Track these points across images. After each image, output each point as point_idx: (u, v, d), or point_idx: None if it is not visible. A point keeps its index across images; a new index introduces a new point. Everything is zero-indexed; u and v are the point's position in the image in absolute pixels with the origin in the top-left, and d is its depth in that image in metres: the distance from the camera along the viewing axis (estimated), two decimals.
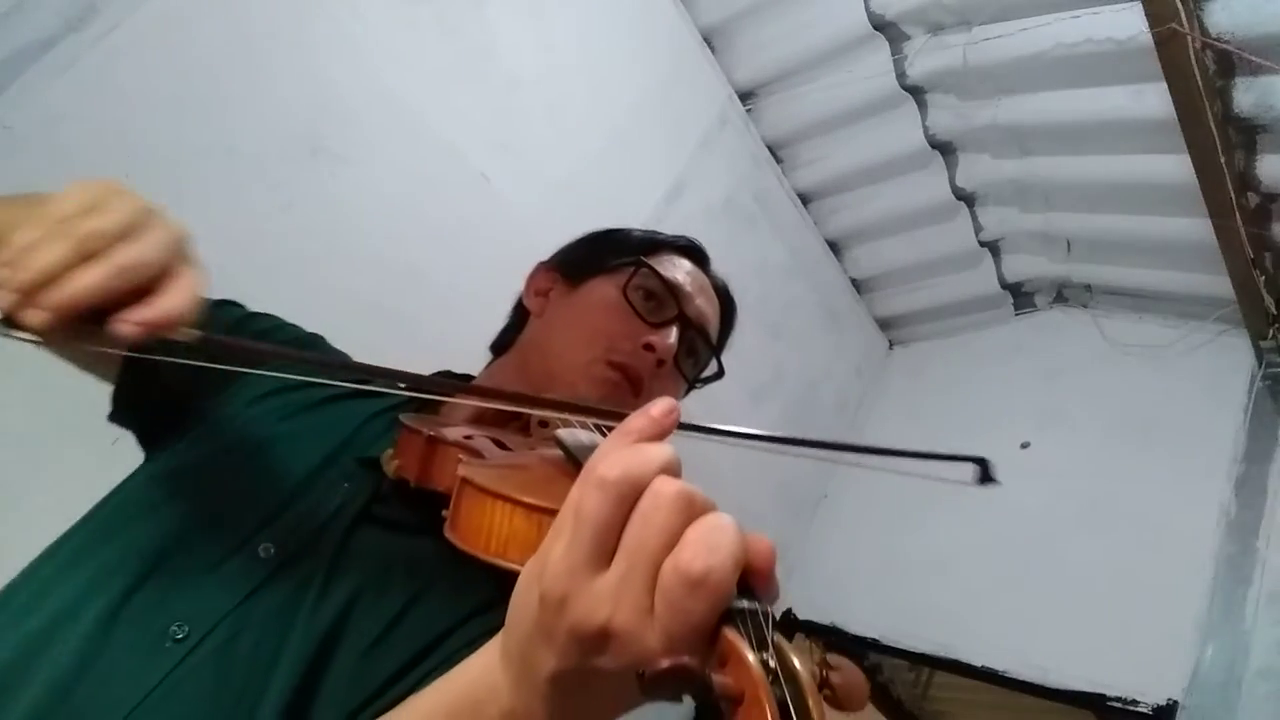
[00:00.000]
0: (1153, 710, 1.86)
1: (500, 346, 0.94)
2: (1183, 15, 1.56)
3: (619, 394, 0.79)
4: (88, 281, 0.43)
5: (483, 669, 0.42)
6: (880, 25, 2.16)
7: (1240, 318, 2.11)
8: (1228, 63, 1.68)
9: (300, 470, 0.69)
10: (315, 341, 0.86)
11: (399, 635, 0.61)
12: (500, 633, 0.41)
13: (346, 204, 1.58)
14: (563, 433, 0.58)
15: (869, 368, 2.95)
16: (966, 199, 2.48)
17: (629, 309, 0.82)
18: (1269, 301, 1.98)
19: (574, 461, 0.52)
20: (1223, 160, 1.75)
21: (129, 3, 1.32)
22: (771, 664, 0.31)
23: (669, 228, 2.23)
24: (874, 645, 2.39)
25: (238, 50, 1.45)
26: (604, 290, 0.85)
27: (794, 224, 2.62)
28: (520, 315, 0.93)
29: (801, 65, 2.32)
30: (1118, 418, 2.32)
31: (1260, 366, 2.12)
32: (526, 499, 0.45)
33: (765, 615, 0.34)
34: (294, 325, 0.85)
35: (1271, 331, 2.02)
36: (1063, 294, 2.67)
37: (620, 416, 0.43)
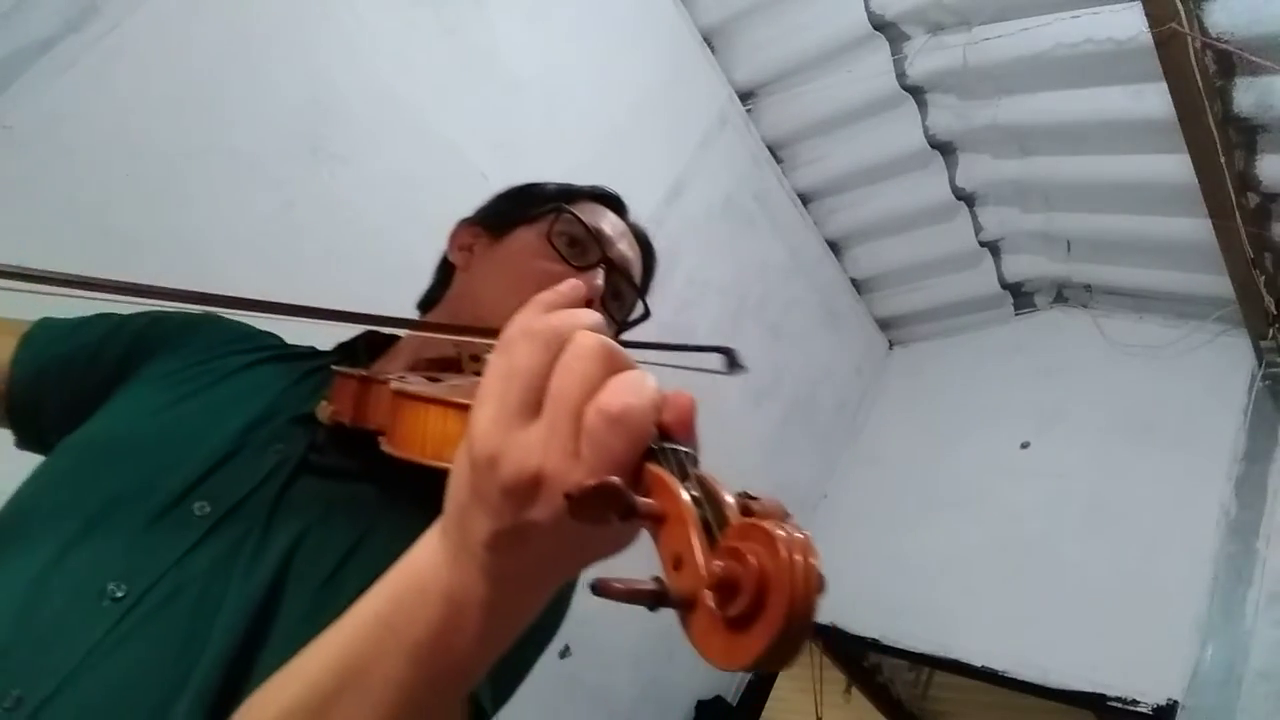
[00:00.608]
0: (1153, 710, 1.86)
1: (427, 303, 0.95)
2: (1183, 15, 1.56)
3: None
4: None
5: (421, 554, 0.42)
6: (880, 25, 2.16)
7: (1240, 318, 2.11)
8: (1228, 63, 1.69)
9: (230, 430, 0.69)
10: (212, 315, 0.85)
11: (350, 571, 0.61)
12: (439, 518, 0.41)
13: (346, 204, 1.58)
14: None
15: (869, 368, 2.95)
16: (966, 199, 2.48)
17: (554, 254, 0.83)
18: (1269, 301, 1.98)
19: None
20: (1223, 160, 1.75)
21: (129, 3, 1.32)
22: (695, 491, 0.32)
23: (669, 228, 2.27)
24: (874, 645, 2.39)
25: (238, 50, 1.45)
26: (528, 238, 0.86)
27: (794, 224, 2.63)
28: (445, 271, 0.93)
29: (801, 65, 2.32)
30: (1118, 418, 2.32)
31: (1260, 366, 2.12)
32: (459, 399, 0.46)
33: (687, 455, 0.36)
34: (182, 311, 0.85)
35: (1271, 331, 2.02)
36: (1063, 294, 2.67)
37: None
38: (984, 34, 2.03)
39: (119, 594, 0.57)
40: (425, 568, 0.41)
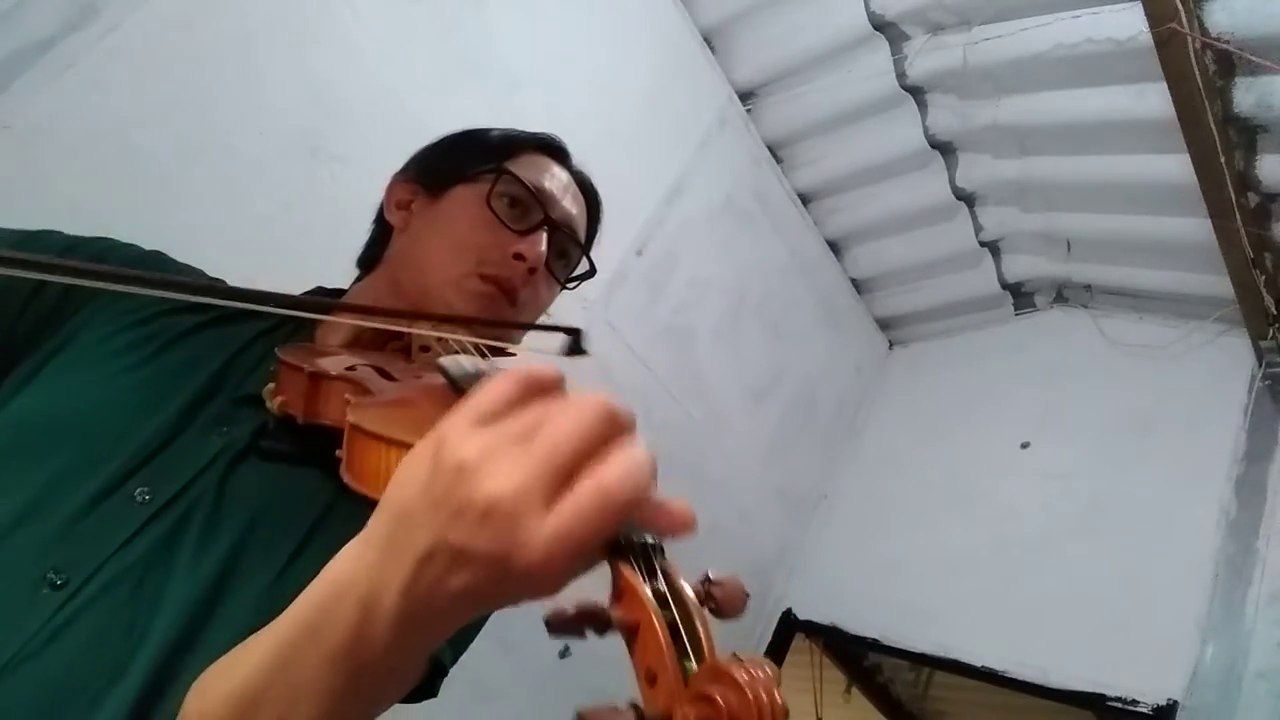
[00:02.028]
0: (1153, 710, 1.86)
1: (367, 262, 0.93)
2: (1183, 15, 1.56)
3: (495, 307, 0.79)
4: None
5: (346, 555, 0.41)
6: (880, 25, 2.16)
7: (1240, 318, 2.11)
8: (1228, 63, 1.69)
9: (172, 409, 0.66)
10: (159, 257, 0.82)
11: (299, 568, 0.60)
12: (368, 522, 0.40)
13: (346, 204, 1.58)
14: (445, 361, 0.58)
15: (869, 368, 2.95)
16: (966, 199, 2.48)
17: (494, 219, 0.81)
18: (1269, 301, 1.99)
19: (459, 391, 0.53)
20: (1223, 160, 1.75)
21: (129, 3, 1.32)
22: (661, 589, 0.34)
23: (669, 228, 2.27)
24: (874, 645, 2.39)
25: (237, 50, 1.45)
26: (467, 200, 0.83)
27: (794, 224, 2.63)
28: (383, 229, 0.90)
29: (801, 65, 2.32)
30: (1118, 418, 2.32)
31: (1260, 366, 2.12)
32: (420, 437, 0.45)
33: (654, 546, 0.36)
34: (130, 245, 0.81)
35: (1271, 331, 2.02)
36: (1063, 294, 2.67)
37: (501, 327, 0.41)
38: (984, 34, 2.03)
39: (59, 582, 0.56)
40: (346, 570, 0.40)
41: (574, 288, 0.94)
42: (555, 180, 0.88)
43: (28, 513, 0.59)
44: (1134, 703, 1.89)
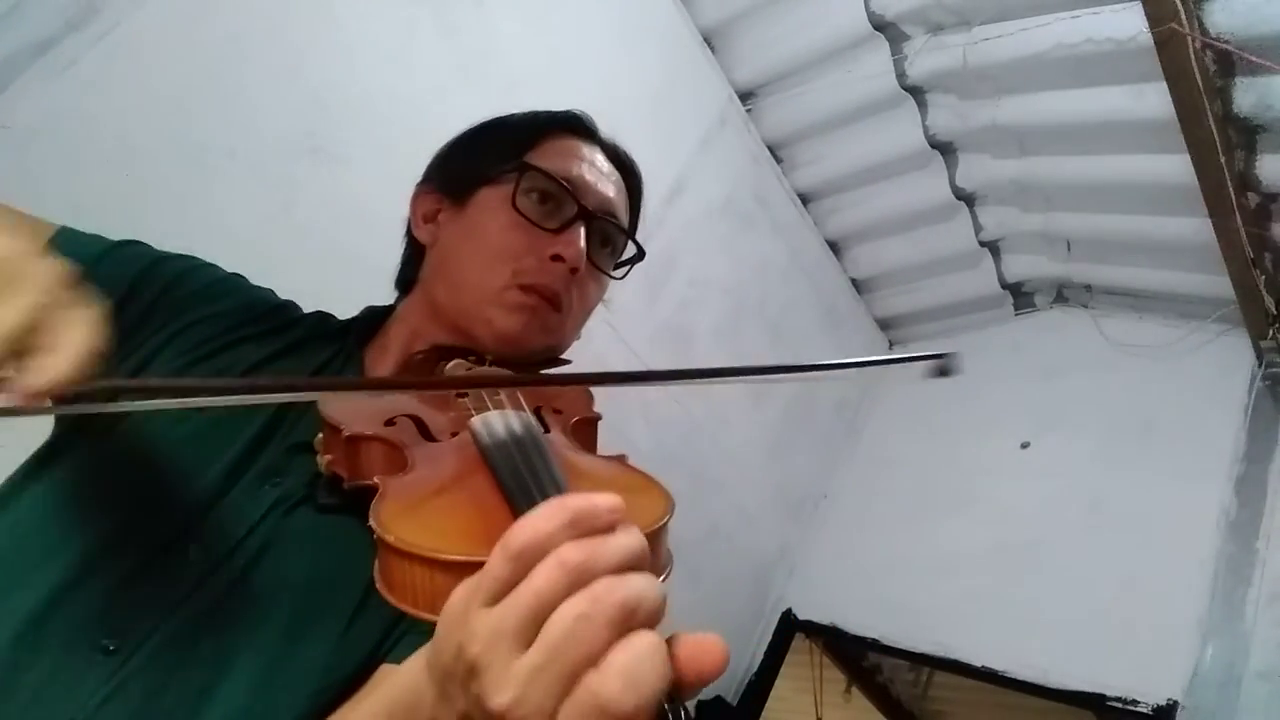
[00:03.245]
0: (1153, 710, 1.86)
1: (404, 283, 0.86)
2: (1183, 15, 1.56)
3: (540, 316, 0.74)
4: None
5: (413, 678, 0.43)
6: (880, 25, 2.16)
7: (1240, 318, 2.11)
8: (1228, 63, 1.68)
9: (225, 461, 0.64)
10: (235, 280, 0.79)
11: (365, 621, 0.59)
12: (429, 645, 0.41)
13: (346, 204, 1.58)
14: (477, 425, 0.56)
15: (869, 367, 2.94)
16: (966, 199, 2.48)
17: (524, 221, 0.74)
18: (1269, 301, 1.98)
19: (491, 466, 0.52)
20: (1223, 160, 1.75)
21: (129, 3, 1.32)
22: None
23: (669, 228, 2.27)
24: (874, 645, 2.39)
25: (237, 50, 1.45)
26: (493, 204, 0.76)
27: (794, 224, 2.63)
28: (415, 246, 0.84)
29: (801, 65, 2.32)
30: (1118, 418, 2.32)
31: (1260, 366, 2.12)
32: (446, 555, 0.44)
33: (673, 709, 0.35)
34: (210, 265, 0.79)
35: (1271, 331, 2.02)
36: (1063, 294, 2.67)
37: (539, 382, 0.41)
38: (984, 34, 2.03)
39: (110, 647, 0.55)
40: (413, 693, 0.43)
41: (623, 276, 0.87)
42: (585, 163, 0.80)
43: (79, 576, 0.57)
44: (1134, 703, 1.89)
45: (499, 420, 0.56)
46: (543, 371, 0.78)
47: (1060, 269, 2.56)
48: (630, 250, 0.86)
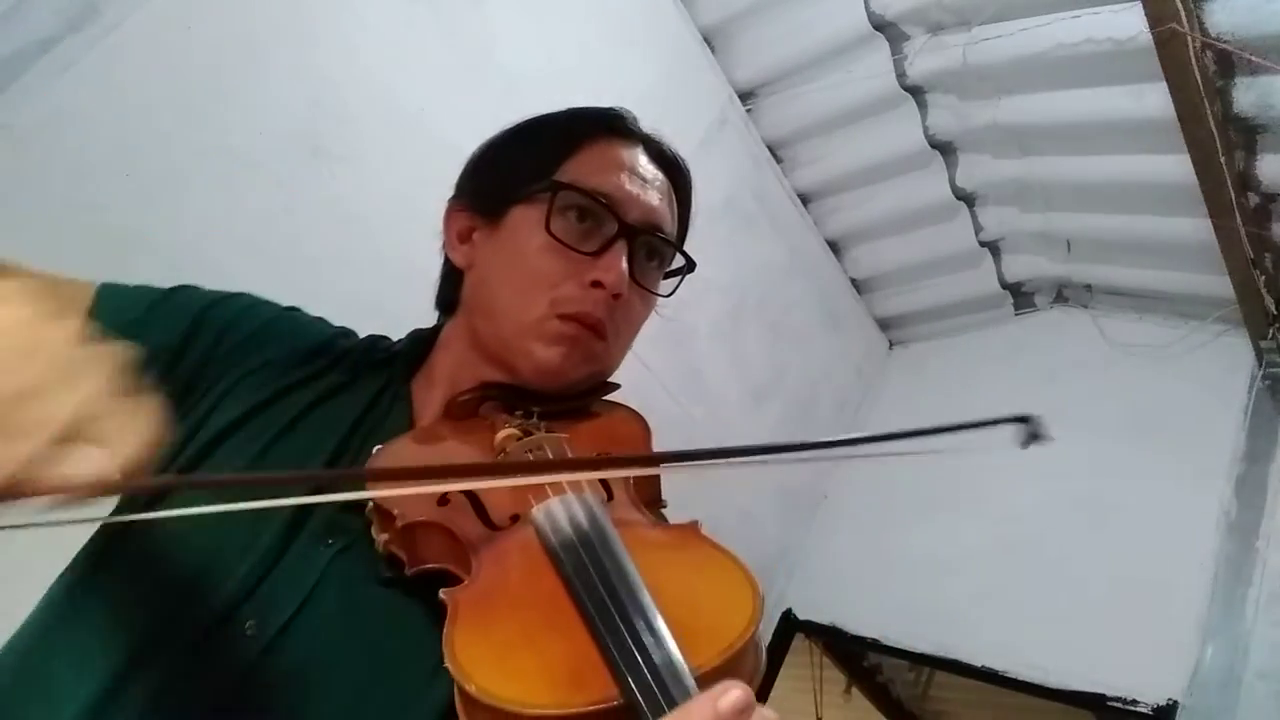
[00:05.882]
0: (1153, 710, 1.86)
1: (445, 305, 0.82)
2: (1183, 15, 1.56)
3: (582, 346, 0.71)
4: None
5: None
6: (880, 25, 2.16)
7: (1240, 318, 2.11)
8: (1228, 63, 1.68)
9: (278, 521, 0.60)
10: (287, 319, 0.77)
11: (438, 689, 0.54)
12: None
13: (346, 204, 1.58)
14: (539, 519, 0.55)
15: (869, 368, 2.95)
16: (966, 199, 2.48)
17: (560, 245, 0.70)
18: (1269, 301, 1.99)
19: (556, 564, 0.51)
20: (1223, 160, 1.75)
21: (129, 3, 1.32)
22: None
23: None
24: (874, 645, 2.39)
25: (237, 50, 1.45)
26: (527, 226, 0.72)
27: (794, 224, 2.62)
28: (453, 266, 0.79)
29: (801, 65, 2.32)
30: (1118, 418, 2.32)
31: (1260, 366, 2.12)
32: (532, 710, 0.44)
33: None
34: (263, 303, 0.76)
35: (1271, 331, 2.02)
36: (1063, 294, 2.67)
37: (595, 466, 0.45)
38: (984, 34, 2.03)
39: None
40: None
41: (670, 294, 0.82)
42: (625, 172, 0.74)
43: (135, 659, 0.55)
44: (1134, 703, 1.89)
45: (562, 512, 0.55)
46: (590, 397, 0.77)
47: (1060, 269, 2.56)
48: (679, 263, 0.82)
